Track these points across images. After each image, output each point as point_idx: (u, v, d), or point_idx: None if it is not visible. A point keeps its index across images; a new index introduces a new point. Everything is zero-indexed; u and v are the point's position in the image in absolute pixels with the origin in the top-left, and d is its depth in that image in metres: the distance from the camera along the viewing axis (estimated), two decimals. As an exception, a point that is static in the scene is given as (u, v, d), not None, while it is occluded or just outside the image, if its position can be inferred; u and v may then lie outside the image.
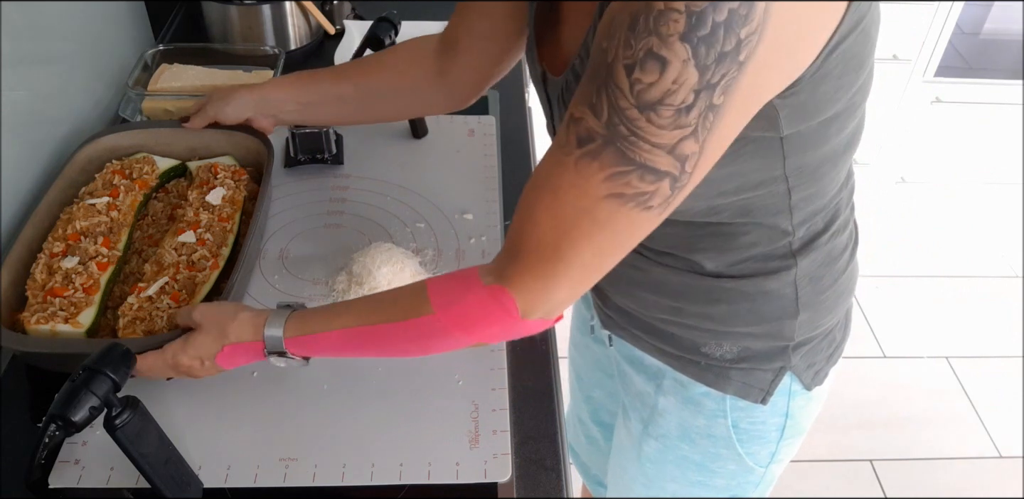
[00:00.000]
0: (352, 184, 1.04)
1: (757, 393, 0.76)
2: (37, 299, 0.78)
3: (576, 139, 0.51)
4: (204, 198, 0.89)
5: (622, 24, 0.48)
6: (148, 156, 0.96)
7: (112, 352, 0.63)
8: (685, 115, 0.48)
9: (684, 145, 0.49)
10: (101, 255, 0.82)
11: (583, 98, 0.51)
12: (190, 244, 0.83)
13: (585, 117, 0.51)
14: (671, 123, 0.48)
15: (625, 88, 0.48)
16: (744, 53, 0.46)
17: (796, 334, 0.73)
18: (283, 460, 0.72)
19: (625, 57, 0.48)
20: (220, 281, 0.83)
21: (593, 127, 0.50)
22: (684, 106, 0.48)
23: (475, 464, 0.72)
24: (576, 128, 0.52)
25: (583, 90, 0.51)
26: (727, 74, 0.47)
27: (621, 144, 0.50)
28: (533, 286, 0.57)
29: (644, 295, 0.75)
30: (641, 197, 0.51)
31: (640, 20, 0.47)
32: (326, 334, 0.65)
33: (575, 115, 0.52)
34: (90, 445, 0.73)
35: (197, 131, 0.96)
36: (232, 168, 0.94)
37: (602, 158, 0.50)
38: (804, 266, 0.70)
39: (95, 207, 0.87)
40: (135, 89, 1.12)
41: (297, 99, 0.89)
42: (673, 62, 0.46)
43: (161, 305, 0.78)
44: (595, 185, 0.51)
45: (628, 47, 0.47)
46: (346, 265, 0.91)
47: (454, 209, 1.01)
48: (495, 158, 1.10)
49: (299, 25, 1.30)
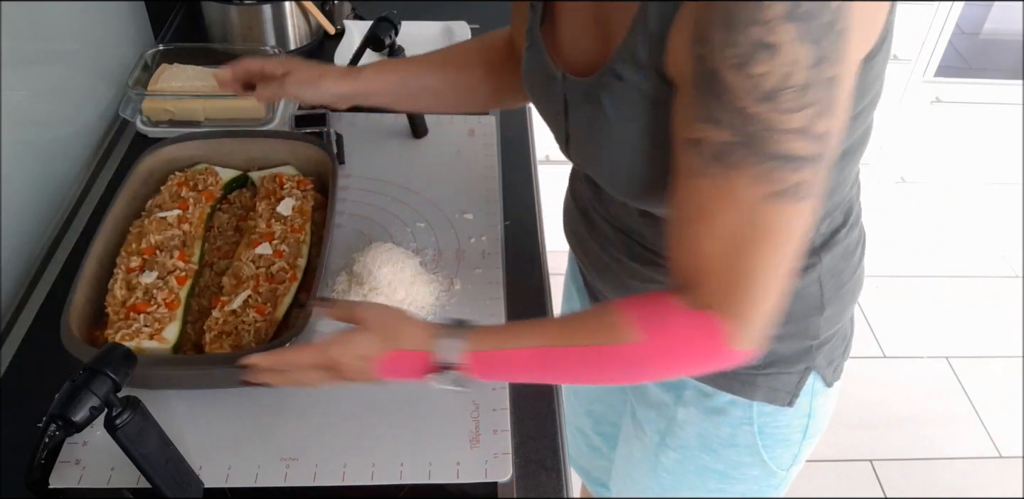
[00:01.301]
0: (352, 184, 1.04)
1: (784, 396, 0.75)
2: (119, 316, 0.77)
3: (708, 159, 0.50)
4: (274, 209, 0.89)
5: (714, 26, 0.47)
6: (209, 167, 0.96)
7: (113, 352, 0.62)
8: (807, 93, 0.47)
9: (815, 125, 0.48)
10: (179, 269, 0.82)
11: (695, 116, 0.50)
12: (267, 256, 0.83)
13: (707, 134, 0.50)
14: (796, 105, 0.47)
15: (740, 87, 0.47)
16: (840, 23, 0.46)
17: (821, 331, 0.73)
18: (284, 460, 0.72)
19: (731, 57, 0.47)
20: (298, 292, 0.82)
21: (721, 139, 0.49)
22: (803, 85, 0.47)
23: (476, 464, 0.72)
24: (701, 148, 0.50)
25: (691, 110, 0.50)
26: (832, 45, 0.47)
27: (755, 143, 0.49)
28: (737, 311, 0.54)
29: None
30: (794, 189, 0.50)
31: (736, 15, 0.46)
32: (515, 352, 0.60)
33: (693, 137, 0.50)
34: (91, 445, 0.73)
35: (256, 141, 0.96)
36: (296, 178, 0.94)
37: (742, 165, 0.49)
38: (827, 261, 0.70)
39: (166, 220, 0.86)
40: (135, 89, 1.12)
41: (393, 93, 0.86)
42: (783, 45, 0.45)
43: (247, 319, 0.77)
44: (745, 193, 0.50)
45: (731, 46, 0.46)
46: (346, 265, 0.90)
47: (454, 209, 1.01)
48: (495, 158, 1.10)
49: (299, 25, 1.30)
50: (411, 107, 0.91)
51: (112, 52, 1.19)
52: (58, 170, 1.03)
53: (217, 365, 0.73)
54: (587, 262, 0.82)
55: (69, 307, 0.75)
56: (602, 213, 0.76)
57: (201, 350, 0.77)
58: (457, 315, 0.86)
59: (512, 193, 1.05)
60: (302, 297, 0.83)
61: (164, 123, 1.13)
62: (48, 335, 0.74)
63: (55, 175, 1.03)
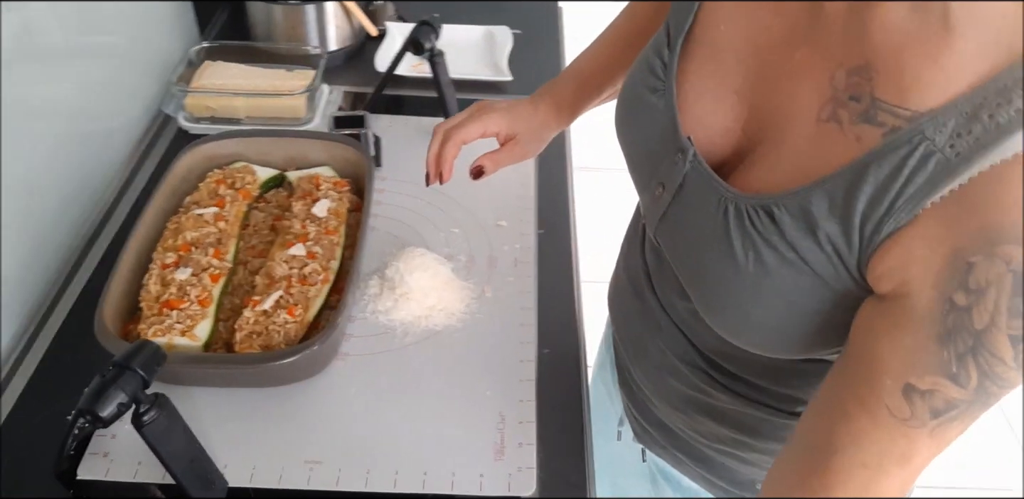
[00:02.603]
0: (388, 187, 1.04)
1: None
2: (152, 311, 0.77)
3: (929, 411, 0.42)
4: (310, 210, 0.89)
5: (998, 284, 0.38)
6: (247, 165, 0.96)
7: (143, 349, 0.63)
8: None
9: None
10: (213, 266, 0.82)
11: (932, 367, 0.41)
12: (300, 257, 0.83)
13: (942, 389, 0.41)
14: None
15: (1008, 358, 0.39)
16: None
17: None
18: (308, 463, 0.72)
19: (1011, 328, 0.38)
20: (330, 295, 0.82)
21: (955, 397, 0.41)
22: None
23: (499, 477, 0.71)
24: (929, 401, 0.42)
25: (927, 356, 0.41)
26: None
27: (989, 399, 0.42)
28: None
29: (701, 419, 0.66)
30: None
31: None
32: None
33: (922, 388, 0.42)
34: (119, 438, 0.73)
35: (295, 140, 0.96)
36: (333, 179, 0.94)
37: (963, 418, 0.42)
38: None
39: (203, 217, 0.87)
40: (179, 85, 1.13)
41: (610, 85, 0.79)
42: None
43: (278, 320, 0.77)
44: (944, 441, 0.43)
45: (1016, 316, 0.38)
46: (379, 268, 0.90)
47: (488, 215, 1.00)
48: (531, 165, 1.09)
49: (341, 26, 1.30)
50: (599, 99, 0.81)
51: (158, 48, 1.20)
52: (101, 162, 1.05)
53: (246, 365, 0.74)
54: (628, 348, 0.75)
55: (104, 300, 0.75)
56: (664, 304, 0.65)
57: (232, 349, 0.77)
58: (488, 323, 0.86)
59: (547, 201, 1.04)
60: (333, 299, 0.83)
61: (206, 120, 1.14)
62: (83, 326, 0.75)
63: (98, 167, 1.04)
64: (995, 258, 0.37)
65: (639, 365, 0.74)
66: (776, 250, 0.46)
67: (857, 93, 0.42)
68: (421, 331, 0.85)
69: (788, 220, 0.45)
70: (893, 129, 0.41)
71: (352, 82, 1.26)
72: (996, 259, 0.37)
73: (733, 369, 0.62)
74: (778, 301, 0.48)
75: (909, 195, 0.40)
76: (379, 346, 0.83)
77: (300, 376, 0.79)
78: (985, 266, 0.38)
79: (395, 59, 1.13)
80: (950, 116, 0.38)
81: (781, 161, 0.47)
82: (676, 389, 0.66)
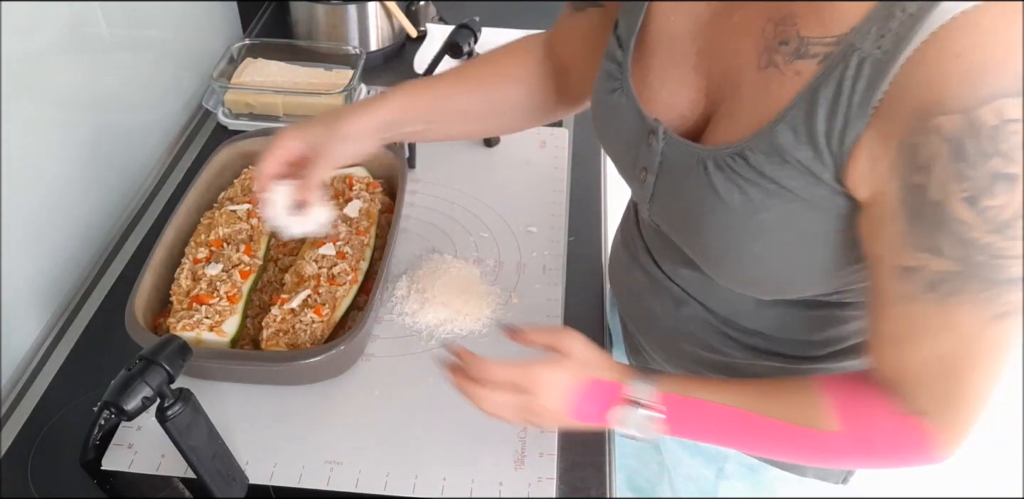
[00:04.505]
0: (420, 189, 1.04)
1: (838, 474, 0.72)
2: (182, 305, 0.78)
3: (924, 286, 0.46)
4: (342, 210, 0.89)
5: (938, 155, 0.42)
6: None
7: (169, 344, 0.63)
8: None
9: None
10: (243, 263, 0.82)
11: (911, 245, 0.46)
12: (330, 256, 0.83)
13: (926, 263, 0.45)
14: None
15: (972, 221, 0.43)
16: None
17: None
18: (328, 463, 0.72)
19: (962, 191, 0.42)
20: (358, 295, 0.83)
21: (942, 268, 0.45)
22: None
23: (519, 486, 0.71)
24: (918, 276, 0.46)
25: (904, 236, 0.46)
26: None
27: (982, 271, 0.45)
28: (947, 420, 0.52)
29: (714, 376, 0.69)
30: (1017, 308, 0.46)
31: (969, 146, 0.41)
32: (708, 404, 0.56)
33: (909, 265, 0.46)
34: (144, 430, 0.74)
35: None
36: (366, 180, 0.94)
37: (966, 291, 0.46)
38: None
39: (236, 214, 0.88)
40: (219, 81, 1.14)
41: (427, 117, 0.74)
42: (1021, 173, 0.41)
43: (304, 319, 0.77)
44: (969, 317, 0.47)
45: (963, 179, 0.42)
46: (407, 270, 0.90)
47: (519, 221, 1.00)
48: (565, 171, 1.08)
49: (382, 26, 1.31)
50: (442, 133, 0.77)
51: (201, 43, 1.22)
52: (140, 155, 1.06)
53: (272, 363, 0.74)
54: (637, 320, 0.77)
55: (136, 293, 0.76)
56: (668, 273, 0.69)
57: (258, 345, 0.77)
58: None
59: (579, 208, 1.03)
60: (360, 300, 0.83)
61: (244, 116, 1.15)
62: (115, 317, 0.76)
63: (136, 160, 1.05)
64: (930, 133, 0.41)
65: (648, 335, 0.75)
66: (759, 186, 0.50)
67: (785, 37, 0.48)
68: (446, 335, 0.84)
69: (762, 158, 0.49)
70: (826, 55, 0.45)
71: (390, 83, 1.26)
72: (931, 134, 0.41)
73: (748, 324, 0.65)
74: (775, 234, 0.52)
75: (856, 103, 0.44)
76: (404, 348, 0.83)
77: (325, 375, 0.79)
78: (925, 142, 0.41)
79: (433, 61, 1.13)
80: (871, 24, 0.42)
81: (742, 112, 0.52)
82: (689, 352, 0.68)
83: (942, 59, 0.40)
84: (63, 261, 0.90)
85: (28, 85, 0.78)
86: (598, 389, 0.59)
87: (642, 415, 0.57)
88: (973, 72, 0.39)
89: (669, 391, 0.57)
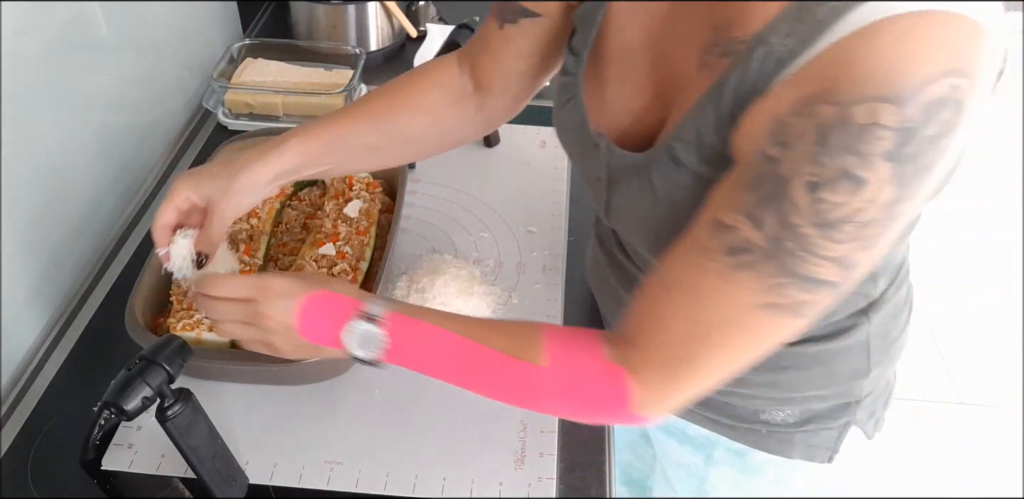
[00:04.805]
0: (421, 189, 1.04)
1: (824, 453, 0.72)
2: (182, 305, 0.78)
3: (727, 247, 0.47)
4: (342, 210, 0.89)
5: (804, 136, 0.43)
6: None
7: (169, 344, 0.63)
8: (867, 229, 0.44)
9: (854, 256, 0.45)
10: (243, 263, 0.82)
11: (738, 206, 0.46)
12: (330, 256, 0.83)
13: (741, 226, 0.46)
14: (850, 238, 0.44)
15: (804, 206, 0.44)
16: (939, 161, 0.42)
17: (864, 390, 0.70)
18: (328, 463, 0.72)
19: (809, 174, 0.43)
20: None
21: (751, 238, 0.46)
22: (868, 221, 0.43)
23: (519, 486, 0.71)
24: (727, 236, 0.47)
25: (737, 197, 0.47)
26: (917, 184, 0.43)
27: (785, 258, 0.45)
28: (657, 383, 0.53)
29: None
30: (797, 307, 0.47)
31: (833, 135, 0.42)
32: (434, 328, 0.57)
33: (726, 222, 0.47)
34: (144, 430, 0.74)
35: None
36: (366, 180, 0.94)
37: (759, 269, 0.46)
38: (877, 321, 0.66)
39: None
40: (219, 81, 1.14)
41: (328, 160, 0.71)
42: (871, 182, 0.42)
43: None
44: (746, 295, 0.47)
45: (816, 164, 0.42)
46: (407, 270, 0.90)
47: (519, 221, 1.00)
48: (565, 171, 1.08)
49: (382, 26, 1.31)
50: (356, 168, 0.78)
51: (201, 44, 1.22)
52: (140, 155, 1.06)
53: (271, 363, 0.74)
54: (616, 314, 0.77)
55: (136, 292, 0.76)
56: (641, 266, 0.71)
57: (258, 346, 0.77)
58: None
59: (578, 208, 1.03)
60: None
61: (244, 116, 1.15)
62: (115, 317, 0.76)
63: (137, 159, 1.05)
64: (806, 116, 0.42)
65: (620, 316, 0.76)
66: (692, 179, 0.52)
67: (717, 40, 0.50)
68: (447, 335, 0.84)
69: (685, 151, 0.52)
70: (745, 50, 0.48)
71: (390, 82, 1.27)
72: (806, 117, 0.42)
73: None
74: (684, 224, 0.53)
75: (757, 89, 0.46)
76: (404, 348, 0.83)
77: (325, 376, 0.79)
78: (798, 123, 0.43)
79: (433, 61, 1.13)
80: (782, 22, 0.45)
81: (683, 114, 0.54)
82: None
83: (839, 61, 0.41)
84: (63, 261, 0.90)
85: (28, 85, 0.78)
86: (331, 301, 0.59)
87: (367, 330, 0.57)
88: (863, 75, 0.40)
89: (399, 311, 0.58)
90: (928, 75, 0.40)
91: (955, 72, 0.40)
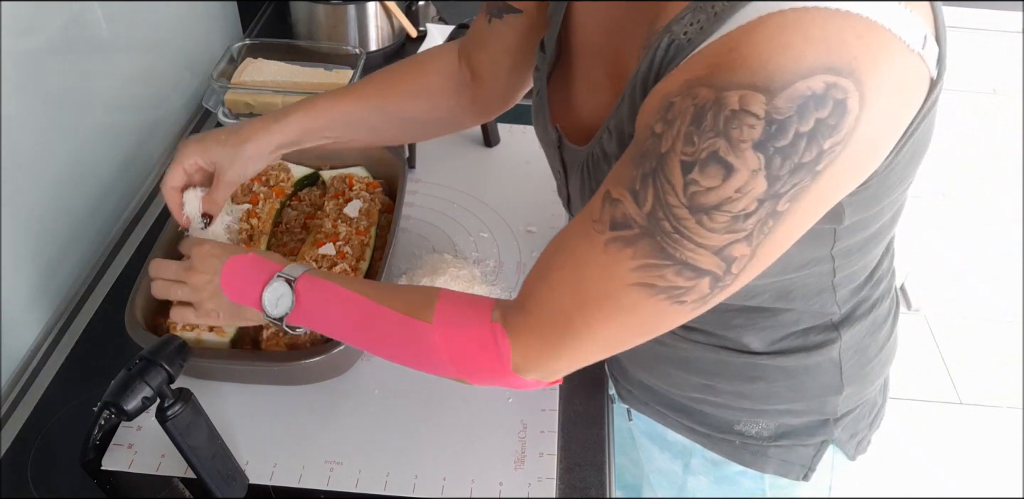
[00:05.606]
0: (420, 189, 1.04)
1: (799, 470, 0.72)
2: None
3: (610, 220, 0.47)
4: (342, 210, 0.89)
5: (683, 114, 0.43)
6: (283, 163, 0.96)
7: (169, 344, 0.63)
8: (742, 221, 0.44)
9: (734, 248, 0.45)
10: None
11: (624, 180, 0.47)
12: (330, 256, 0.83)
13: (624, 201, 0.47)
14: (724, 228, 0.44)
15: (678, 186, 0.44)
16: (824, 163, 0.42)
17: (839, 409, 0.69)
18: (328, 463, 0.72)
19: (684, 153, 0.43)
20: None
21: (631, 214, 0.46)
22: (743, 213, 0.43)
23: (518, 486, 0.71)
24: (612, 209, 0.47)
25: (625, 171, 0.47)
26: (799, 183, 0.43)
27: (661, 238, 0.45)
28: (534, 347, 0.53)
29: (671, 371, 0.71)
30: (675, 291, 0.47)
31: (707, 116, 0.42)
32: (343, 290, 0.61)
33: (613, 195, 0.48)
34: (145, 430, 0.74)
35: None
36: (366, 180, 0.94)
37: (636, 247, 0.46)
38: (848, 338, 0.66)
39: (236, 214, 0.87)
40: (219, 81, 1.14)
41: (329, 134, 0.77)
42: (740, 170, 0.42)
43: None
44: (623, 271, 0.47)
45: (689, 143, 0.43)
46: (407, 270, 0.90)
47: (519, 221, 1.00)
48: (565, 171, 1.09)
49: (382, 26, 1.31)
50: (352, 144, 0.81)
51: (201, 44, 1.22)
52: (141, 154, 1.06)
53: (271, 363, 0.74)
54: None
55: (136, 292, 0.76)
56: None
57: (259, 345, 0.77)
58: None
59: (579, 208, 1.03)
60: None
61: (244, 116, 1.15)
62: (116, 316, 0.76)
63: (138, 159, 1.05)
64: (688, 97, 0.43)
65: None
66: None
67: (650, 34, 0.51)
68: (447, 335, 0.84)
69: (612, 143, 0.54)
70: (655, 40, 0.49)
71: (390, 82, 1.27)
72: (688, 97, 0.43)
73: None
74: None
75: (660, 75, 0.48)
76: (404, 348, 0.83)
77: (325, 376, 0.79)
78: (680, 102, 0.44)
79: (433, 61, 1.13)
80: (687, 13, 0.47)
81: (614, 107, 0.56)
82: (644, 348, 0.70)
83: (725, 49, 0.43)
84: (63, 261, 0.90)
85: (28, 85, 0.78)
86: (256, 263, 0.64)
87: (282, 290, 0.62)
88: (741, 63, 0.41)
89: (315, 274, 0.63)
90: (801, 69, 0.40)
91: (834, 70, 0.40)
